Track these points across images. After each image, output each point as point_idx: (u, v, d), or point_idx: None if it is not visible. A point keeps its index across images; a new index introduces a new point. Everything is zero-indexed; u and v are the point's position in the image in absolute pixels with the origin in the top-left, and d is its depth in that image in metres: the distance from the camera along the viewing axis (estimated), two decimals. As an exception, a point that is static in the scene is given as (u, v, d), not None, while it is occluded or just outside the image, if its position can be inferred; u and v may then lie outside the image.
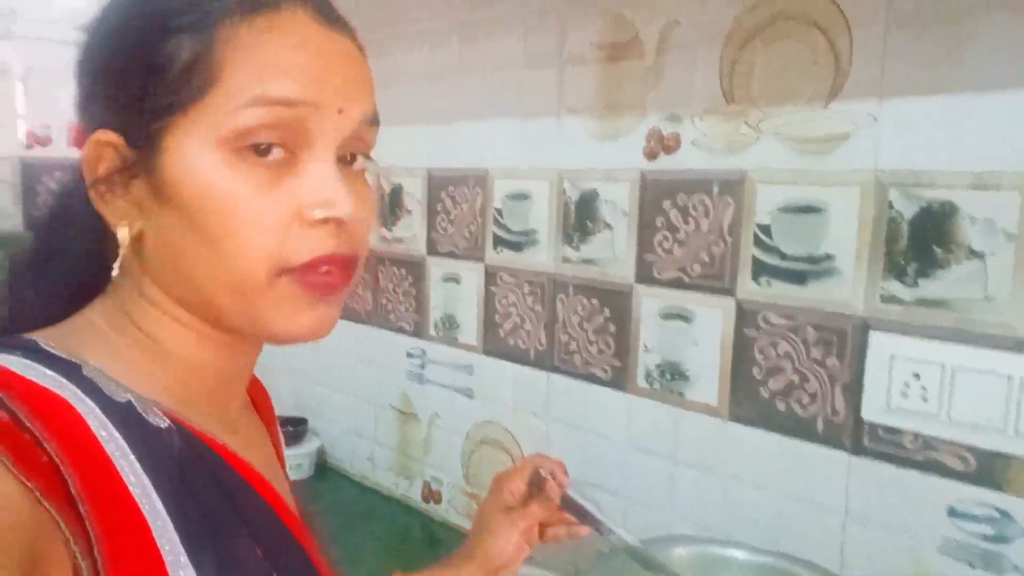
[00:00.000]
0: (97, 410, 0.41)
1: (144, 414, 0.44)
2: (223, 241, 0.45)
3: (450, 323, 1.25)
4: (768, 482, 0.88)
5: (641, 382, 0.99)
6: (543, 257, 1.10)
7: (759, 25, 0.85)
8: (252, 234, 0.45)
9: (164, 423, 0.45)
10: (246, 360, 0.54)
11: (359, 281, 0.56)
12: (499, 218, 1.15)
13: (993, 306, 0.72)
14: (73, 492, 0.37)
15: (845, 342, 0.81)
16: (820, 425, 0.84)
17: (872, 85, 0.78)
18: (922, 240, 0.76)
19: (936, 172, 0.74)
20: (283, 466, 0.64)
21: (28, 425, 0.37)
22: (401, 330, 1.33)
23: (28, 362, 0.42)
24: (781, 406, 0.87)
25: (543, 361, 1.11)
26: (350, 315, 1.43)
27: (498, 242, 1.16)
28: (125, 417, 0.42)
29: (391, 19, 1.28)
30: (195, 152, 0.45)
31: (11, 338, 0.45)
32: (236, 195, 0.45)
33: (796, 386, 0.85)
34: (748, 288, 0.88)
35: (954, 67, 0.73)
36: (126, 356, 0.49)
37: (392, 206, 1.33)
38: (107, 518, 0.38)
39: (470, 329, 1.22)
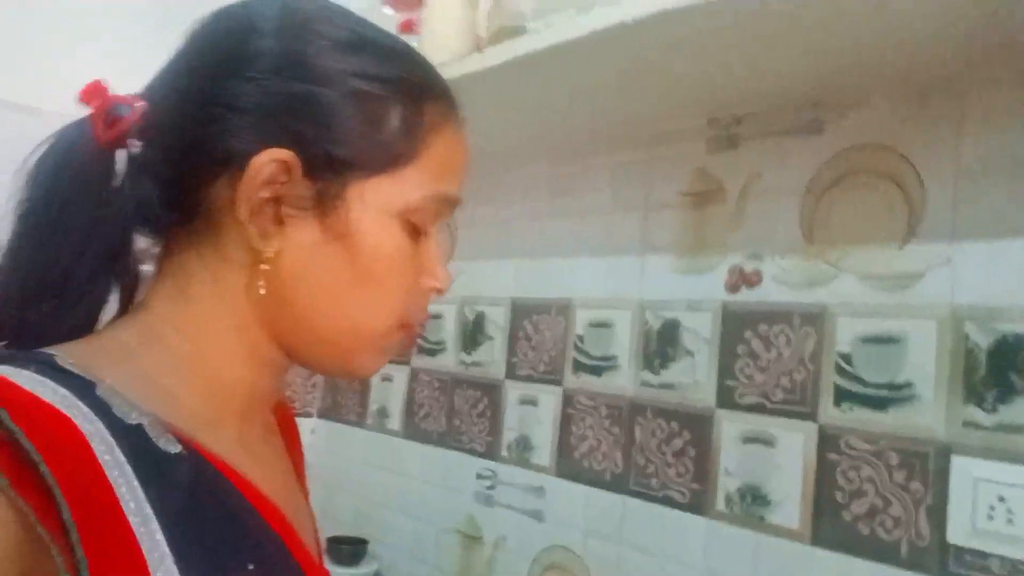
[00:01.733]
0: (105, 432, 0.40)
1: (155, 439, 0.43)
2: (376, 290, 0.52)
3: (524, 445, 1.29)
4: (852, 610, 0.89)
5: (721, 506, 1.02)
6: (623, 381, 1.16)
7: (836, 177, 0.96)
8: (399, 292, 0.53)
9: (175, 449, 0.44)
10: (279, 382, 0.57)
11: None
12: (580, 344, 1.23)
13: (1074, 432, 0.76)
14: (65, 519, 0.36)
15: (928, 466, 0.85)
16: (904, 549, 0.85)
17: (945, 229, 0.87)
18: (1000, 369, 0.81)
19: (1010, 307, 0.81)
20: (304, 491, 0.66)
21: (26, 447, 0.36)
22: (472, 451, 1.38)
23: (41, 378, 0.41)
24: (865, 530, 0.89)
25: (619, 484, 1.14)
26: (421, 436, 1.48)
27: (578, 367, 1.23)
28: (134, 441, 0.42)
29: (488, 171, 1.42)
30: (382, 210, 0.51)
31: (28, 352, 0.44)
32: (400, 258, 0.52)
33: (880, 510, 0.88)
34: (830, 413, 0.93)
35: (1019, 212, 0.82)
36: (150, 376, 0.48)
37: (474, 332, 1.42)
38: (100, 548, 0.37)
39: (544, 451, 1.26)
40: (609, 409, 1.17)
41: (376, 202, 0.50)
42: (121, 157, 0.50)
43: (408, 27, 1.21)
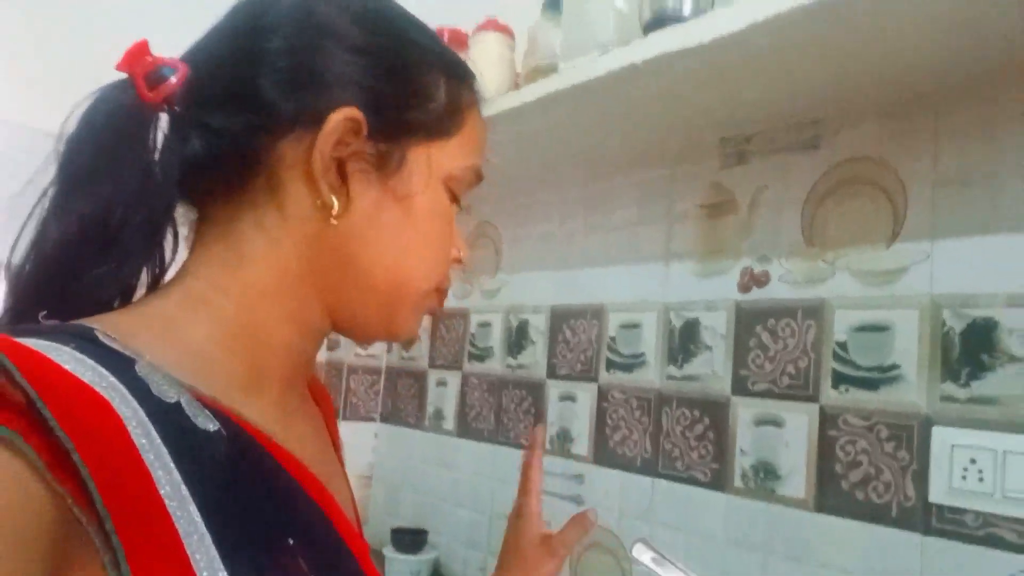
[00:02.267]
0: (142, 413, 0.40)
1: (193, 417, 0.43)
2: (428, 250, 0.56)
3: (564, 436, 1.43)
4: (853, 566, 1.00)
5: (738, 482, 1.15)
6: (650, 375, 1.30)
7: (831, 188, 1.09)
8: (445, 253, 0.58)
9: (213, 426, 0.44)
10: (317, 346, 0.58)
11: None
12: (612, 344, 1.37)
13: (1034, 401, 0.87)
14: (98, 508, 0.36)
15: (912, 437, 0.97)
16: (895, 510, 0.97)
17: (924, 229, 0.99)
18: (971, 349, 0.93)
19: (979, 295, 0.93)
20: (342, 463, 0.67)
21: (59, 435, 0.36)
22: (519, 445, 1.52)
23: (81, 356, 0.40)
24: (861, 496, 1.01)
25: (649, 468, 1.28)
26: (473, 434, 1.64)
27: (610, 365, 1.37)
28: (172, 421, 0.41)
29: (528, 191, 1.59)
30: (435, 176, 0.55)
31: (70, 325, 0.44)
32: (448, 221, 0.58)
33: (873, 477, 1.00)
34: (830, 395, 1.06)
35: (988, 213, 0.94)
36: (194, 344, 0.48)
37: (518, 338, 1.57)
38: (135, 533, 0.37)
39: (582, 442, 1.40)
40: (639, 401, 1.31)
41: (432, 166, 0.54)
42: (161, 122, 0.50)
43: (456, 69, 1.38)
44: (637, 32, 1.02)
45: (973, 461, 0.91)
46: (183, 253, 0.55)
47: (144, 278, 0.52)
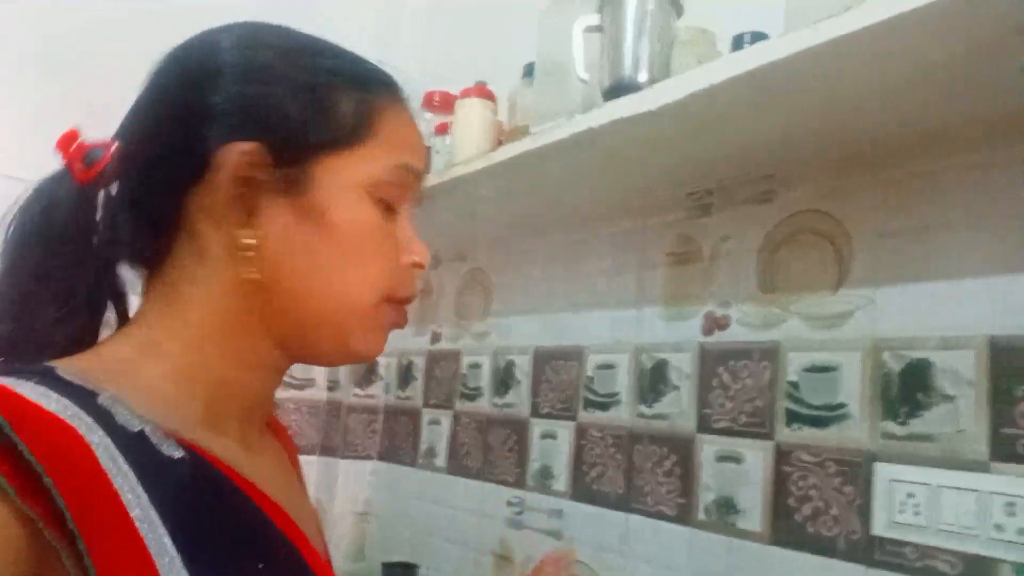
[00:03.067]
0: (108, 441, 0.41)
1: (158, 445, 0.44)
2: (358, 263, 0.54)
3: (546, 473, 1.50)
4: (805, 598, 1.06)
5: (702, 516, 1.21)
6: (624, 414, 1.37)
7: (784, 238, 1.17)
8: (378, 263, 0.56)
9: (178, 453, 0.45)
10: (276, 381, 0.59)
11: None
12: (590, 384, 1.44)
13: (964, 437, 0.93)
14: (70, 528, 0.36)
15: (858, 472, 1.03)
16: (842, 543, 1.03)
17: (868, 277, 1.06)
18: (909, 389, 0.99)
19: (915, 337, 1.00)
20: (306, 496, 0.67)
21: (28, 458, 0.36)
22: (504, 482, 1.59)
23: (43, 389, 0.41)
24: (811, 529, 1.06)
25: (622, 503, 1.34)
26: (462, 471, 1.70)
27: (588, 404, 1.44)
28: (137, 448, 0.42)
29: (517, 239, 1.68)
30: (349, 187, 0.54)
31: (28, 365, 0.45)
32: (374, 229, 0.55)
33: (822, 511, 1.06)
34: (783, 432, 1.12)
35: (925, 264, 1.01)
36: (151, 385, 0.49)
37: (504, 378, 1.65)
38: (107, 554, 0.37)
39: (561, 478, 1.46)
40: (613, 439, 1.38)
41: (342, 177, 0.53)
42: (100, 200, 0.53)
43: (443, 129, 1.49)
44: (599, 99, 1.12)
45: (911, 495, 0.97)
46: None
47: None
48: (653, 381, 1.33)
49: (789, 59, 0.83)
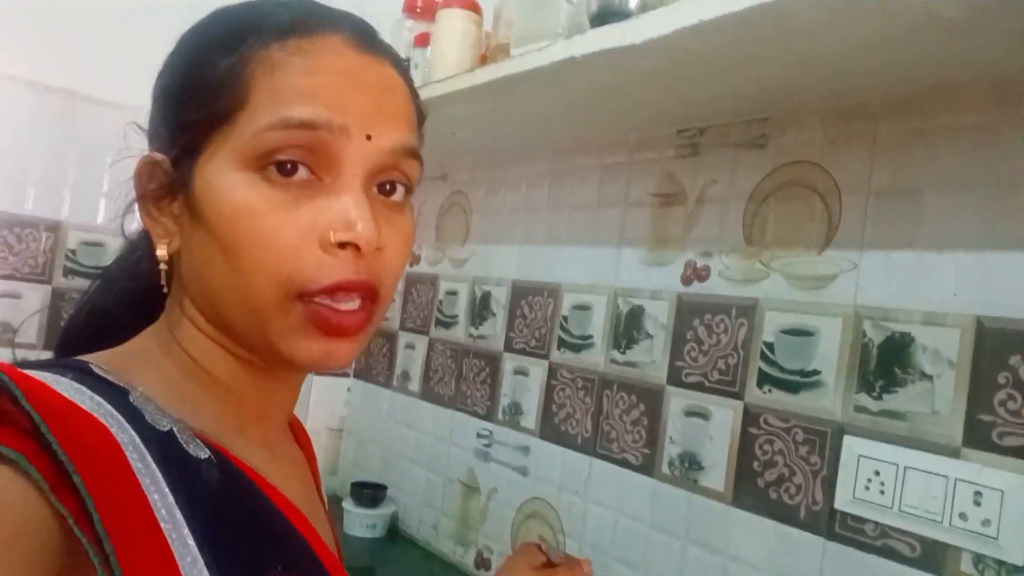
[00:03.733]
0: (137, 439, 0.41)
1: (185, 445, 0.44)
2: (238, 257, 0.46)
3: (515, 409, 1.47)
4: (761, 562, 1.04)
5: (665, 469, 1.18)
6: (596, 358, 1.32)
7: (774, 188, 1.09)
8: (266, 252, 0.45)
9: (204, 454, 0.45)
10: (289, 384, 0.56)
11: (380, 317, 0.53)
12: (565, 324, 1.39)
13: (938, 419, 0.88)
14: (97, 529, 0.37)
15: (825, 443, 0.99)
16: (803, 513, 1.00)
17: (855, 239, 0.99)
18: (887, 363, 0.94)
19: (899, 309, 0.94)
20: (323, 501, 0.66)
21: (61, 457, 0.37)
22: (475, 413, 1.56)
23: (78, 385, 0.42)
24: (774, 495, 1.03)
25: (587, 447, 1.31)
26: (435, 398, 1.68)
27: (562, 344, 1.39)
28: (165, 448, 0.43)
29: (500, 164, 1.59)
30: (221, 170, 0.46)
31: (66, 359, 0.46)
32: (253, 212, 0.45)
33: (786, 478, 1.02)
34: (754, 394, 1.07)
35: (914, 231, 0.94)
36: (175, 382, 0.50)
37: (480, 308, 1.60)
38: (132, 554, 0.38)
39: (531, 416, 1.43)
40: (584, 382, 1.34)
41: (215, 163, 0.47)
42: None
43: (423, 41, 1.38)
44: (586, 23, 1.01)
45: (877, 473, 0.93)
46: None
47: None
48: (628, 327, 1.27)
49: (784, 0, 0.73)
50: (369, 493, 1.69)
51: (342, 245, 0.46)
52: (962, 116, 0.90)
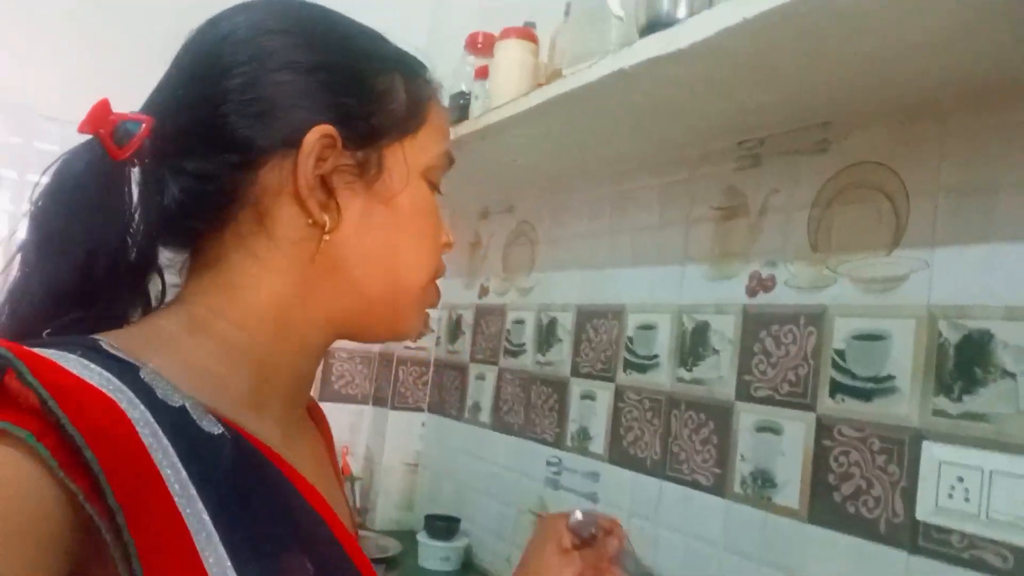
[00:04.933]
0: (148, 415, 0.41)
1: (198, 420, 0.44)
2: (420, 245, 0.58)
3: (583, 435, 1.45)
4: (841, 582, 0.98)
5: (737, 488, 1.14)
6: (662, 378, 1.30)
7: (838, 192, 1.06)
8: (436, 245, 0.60)
9: (218, 430, 0.45)
10: (317, 364, 0.59)
11: None
12: (630, 345, 1.38)
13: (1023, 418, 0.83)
14: (110, 503, 0.36)
15: (904, 451, 0.93)
16: (883, 526, 0.94)
17: (925, 238, 0.95)
18: (966, 363, 0.89)
19: (976, 306, 0.89)
20: (340, 482, 0.67)
21: (71, 431, 0.37)
22: (544, 441, 1.55)
23: (86, 362, 0.41)
24: (851, 509, 0.98)
25: (657, 469, 1.28)
26: (505, 428, 1.68)
27: (627, 365, 1.37)
28: (177, 423, 0.42)
29: (563, 191, 1.61)
30: (412, 171, 0.57)
31: (74, 336, 0.45)
32: (434, 211, 0.59)
33: (864, 491, 0.97)
34: (826, 404, 1.03)
35: (987, 225, 0.89)
36: (194, 360, 0.49)
37: (547, 335, 1.60)
38: (146, 529, 0.37)
39: (599, 440, 1.41)
40: (651, 403, 1.31)
41: (406, 163, 0.56)
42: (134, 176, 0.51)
43: (483, 74, 1.42)
44: (636, 37, 1.03)
45: (960, 479, 0.87)
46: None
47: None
48: (693, 344, 1.25)
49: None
50: (443, 526, 1.69)
51: (448, 246, 0.62)
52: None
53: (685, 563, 1.19)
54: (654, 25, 0.99)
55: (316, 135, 0.51)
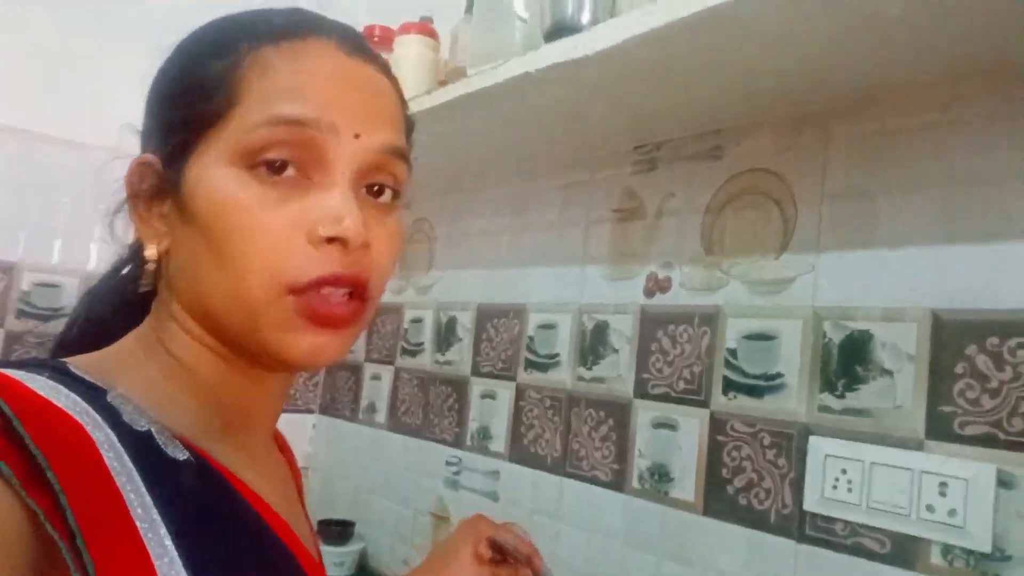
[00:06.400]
0: (113, 438, 0.41)
1: (163, 445, 0.44)
2: (230, 255, 0.46)
3: (484, 434, 1.45)
4: (735, 571, 1.03)
5: (635, 483, 1.17)
6: (563, 376, 1.32)
7: (730, 197, 1.11)
8: (255, 248, 0.46)
9: (183, 455, 0.45)
10: (274, 389, 0.55)
11: (369, 315, 0.52)
12: (530, 344, 1.39)
13: (900, 413, 0.89)
14: (70, 523, 0.36)
15: (792, 445, 0.99)
16: (773, 517, 0.99)
17: (811, 242, 1.01)
18: (848, 361, 0.95)
19: (857, 308, 0.95)
20: (306, 513, 0.65)
21: (33, 451, 0.37)
22: (443, 441, 1.54)
23: (54, 384, 0.42)
24: (744, 501, 1.03)
25: (558, 467, 1.30)
26: (402, 429, 1.66)
27: (528, 364, 1.39)
28: (142, 447, 0.42)
29: (464, 190, 1.60)
30: (211, 168, 0.47)
31: (42, 359, 0.46)
32: (243, 209, 0.46)
33: (755, 483, 1.02)
34: (719, 401, 1.08)
35: (869, 230, 0.95)
36: (157, 383, 0.49)
37: (447, 335, 1.59)
38: (106, 551, 0.37)
39: (500, 439, 1.42)
40: (552, 401, 1.33)
41: (205, 162, 0.48)
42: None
43: (381, 68, 1.39)
44: (540, 40, 1.03)
45: (844, 471, 0.93)
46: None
47: None
48: (593, 343, 1.27)
49: (733, 4, 0.75)
50: (336, 530, 1.65)
51: (330, 240, 0.47)
52: (913, 117, 0.92)
53: (587, 558, 1.21)
54: (559, 29, 1.00)
55: (132, 164, 0.51)
